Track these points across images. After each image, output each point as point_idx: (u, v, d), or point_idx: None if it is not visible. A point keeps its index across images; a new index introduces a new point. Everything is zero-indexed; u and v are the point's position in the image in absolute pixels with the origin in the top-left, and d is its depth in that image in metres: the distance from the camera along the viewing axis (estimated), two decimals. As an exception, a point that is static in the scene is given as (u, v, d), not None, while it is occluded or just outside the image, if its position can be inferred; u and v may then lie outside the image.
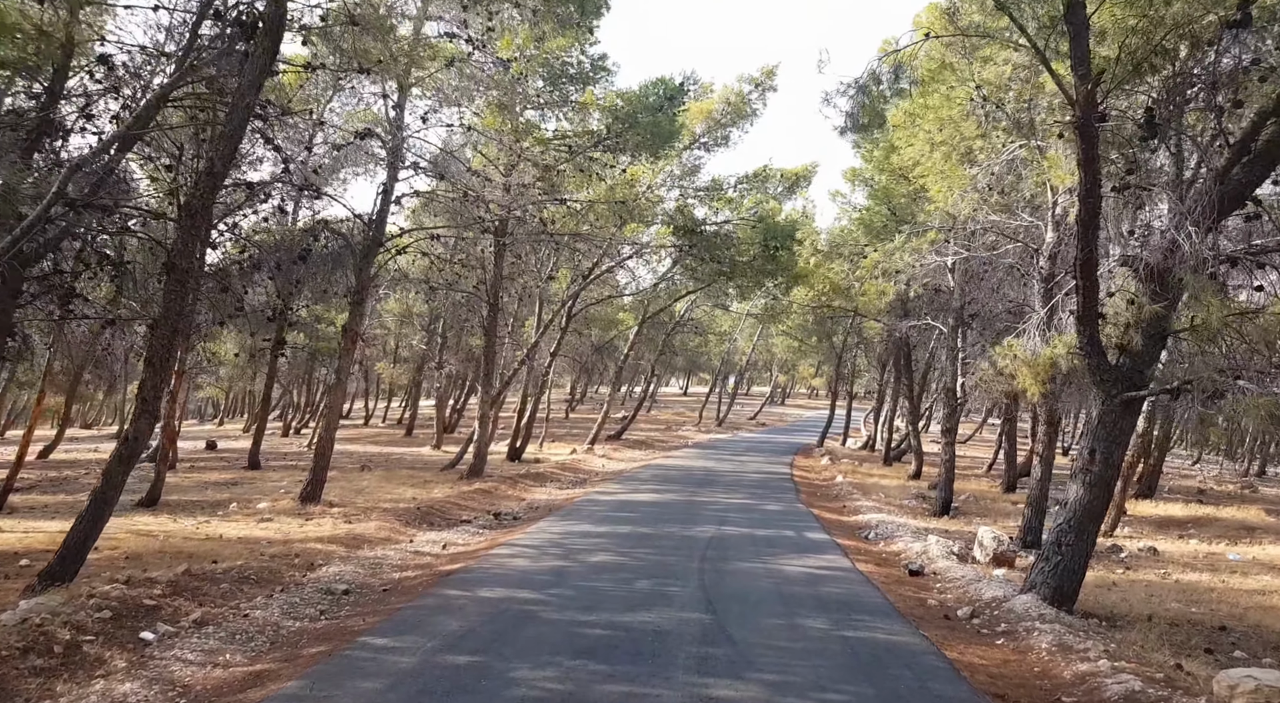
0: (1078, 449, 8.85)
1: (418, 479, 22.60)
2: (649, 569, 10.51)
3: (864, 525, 16.36)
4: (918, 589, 10.40)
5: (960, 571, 11.29)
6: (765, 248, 27.67)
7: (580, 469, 27.07)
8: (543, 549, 11.99)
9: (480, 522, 16.12)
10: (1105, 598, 9.93)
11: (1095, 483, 8.73)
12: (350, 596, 9.54)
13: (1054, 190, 13.21)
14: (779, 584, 9.89)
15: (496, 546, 12.64)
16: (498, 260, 22.21)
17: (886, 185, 20.33)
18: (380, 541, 13.44)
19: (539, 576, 10.00)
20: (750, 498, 19.66)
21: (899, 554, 12.96)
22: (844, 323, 38.38)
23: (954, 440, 18.84)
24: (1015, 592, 9.53)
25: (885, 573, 11.20)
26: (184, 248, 8.19)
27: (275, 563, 10.99)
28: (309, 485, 17.18)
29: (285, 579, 10.21)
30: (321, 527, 14.54)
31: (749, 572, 10.56)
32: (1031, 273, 13.66)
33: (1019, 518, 18.02)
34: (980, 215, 13.18)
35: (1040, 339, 10.94)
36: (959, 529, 16.33)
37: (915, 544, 13.32)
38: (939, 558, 12.16)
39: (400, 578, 10.53)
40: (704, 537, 13.26)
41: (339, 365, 17.38)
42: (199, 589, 9.14)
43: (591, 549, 11.93)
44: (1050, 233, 13.15)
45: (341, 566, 11.10)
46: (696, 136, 26.70)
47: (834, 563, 11.54)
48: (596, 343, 49.48)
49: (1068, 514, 8.89)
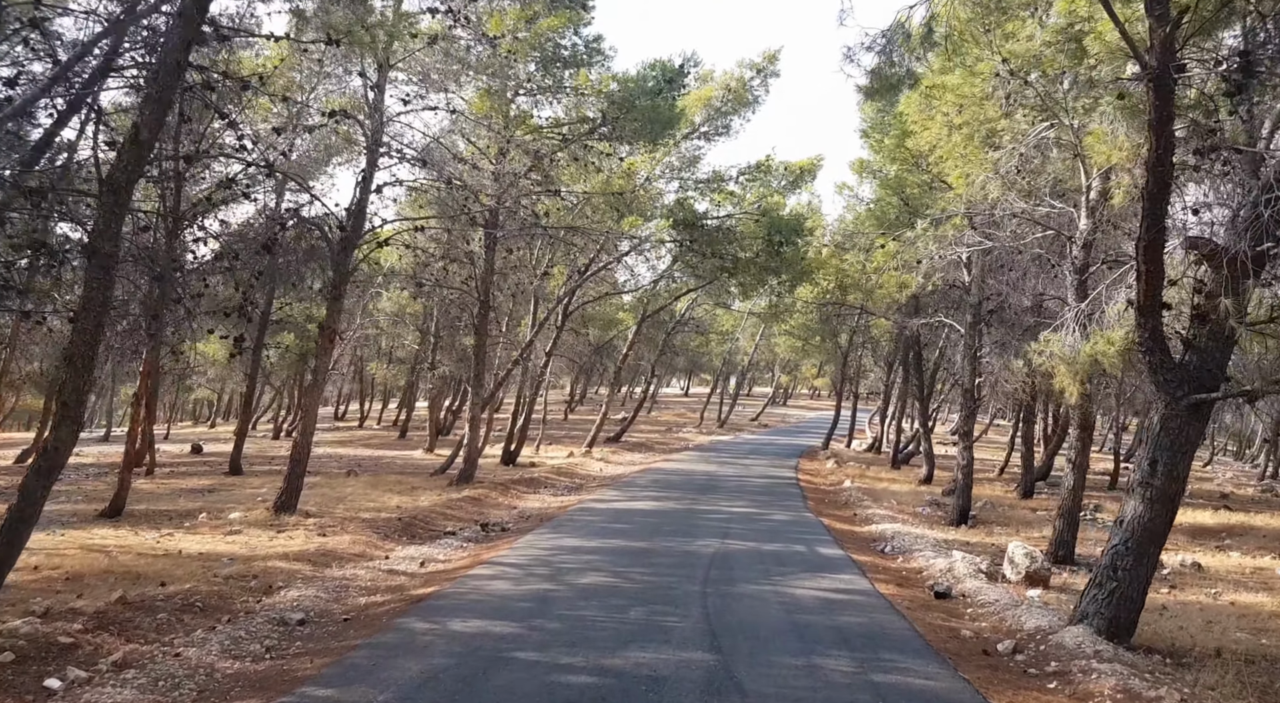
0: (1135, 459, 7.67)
1: (405, 485, 21.48)
2: (645, 594, 9.37)
3: (878, 537, 15.21)
4: (947, 616, 9.25)
5: (992, 592, 10.14)
6: (769, 243, 26.52)
7: (577, 474, 25.93)
8: (528, 569, 10.85)
9: (466, 533, 14.99)
10: (1161, 626, 8.78)
11: (1157, 498, 7.58)
12: (306, 626, 8.41)
13: (1087, 173, 12.07)
14: (792, 613, 8.74)
15: (479, 563, 11.50)
16: (488, 255, 21.07)
17: (899, 174, 19.19)
18: (353, 557, 12.31)
19: (520, 603, 8.86)
20: (755, 506, 18.52)
21: (920, 572, 11.81)
22: (850, 321, 37.22)
23: (971, 444, 17.70)
24: (1062, 622, 8.39)
25: (909, 596, 10.05)
26: (105, 229, 7.06)
27: (228, 586, 9.86)
28: (283, 494, 16.04)
29: (236, 606, 9.08)
30: (292, 540, 13.43)
31: (758, 597, 9.41)
32: (1063, 263, 12.51)
33: (1043, 528, 16.88)
34: (1007, 202, 12.03)
35: (1080, 334, 9.81)
36: (980, 541, 15.19)
37: (938, 560, 12.16)
38: (966, 577, 11.01)
39: (366, 604, 9.39)
40: (706, 553, 12.12)
41: (316, 365, 16.26)
42: (129, 622, 8.00)
43: (582, 568, 10.79)
44: (1084, 219, 12.01)
45: (303, 589, 9.96)
46: (696, 126, 25.55)
47: (851, 584, 10.39)
48: (596, 343, 48.37)
49: (1124, 534, 7.75)
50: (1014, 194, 12.02)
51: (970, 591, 10.37)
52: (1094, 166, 12.18)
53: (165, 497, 19.31)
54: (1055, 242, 13.15)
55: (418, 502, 18.47)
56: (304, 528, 14.53)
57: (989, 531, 16.61)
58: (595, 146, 19.78)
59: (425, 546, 13.67)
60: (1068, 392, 9.79)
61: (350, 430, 49.75)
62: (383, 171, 16.29)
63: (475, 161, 17.88)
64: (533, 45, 18.20)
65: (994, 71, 12.45)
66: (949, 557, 12.16)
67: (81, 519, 15.59)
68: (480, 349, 21.58)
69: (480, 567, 11.05)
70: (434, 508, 17.60)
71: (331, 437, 45.27)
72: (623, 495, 19.77)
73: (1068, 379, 9.70)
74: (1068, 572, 11.91)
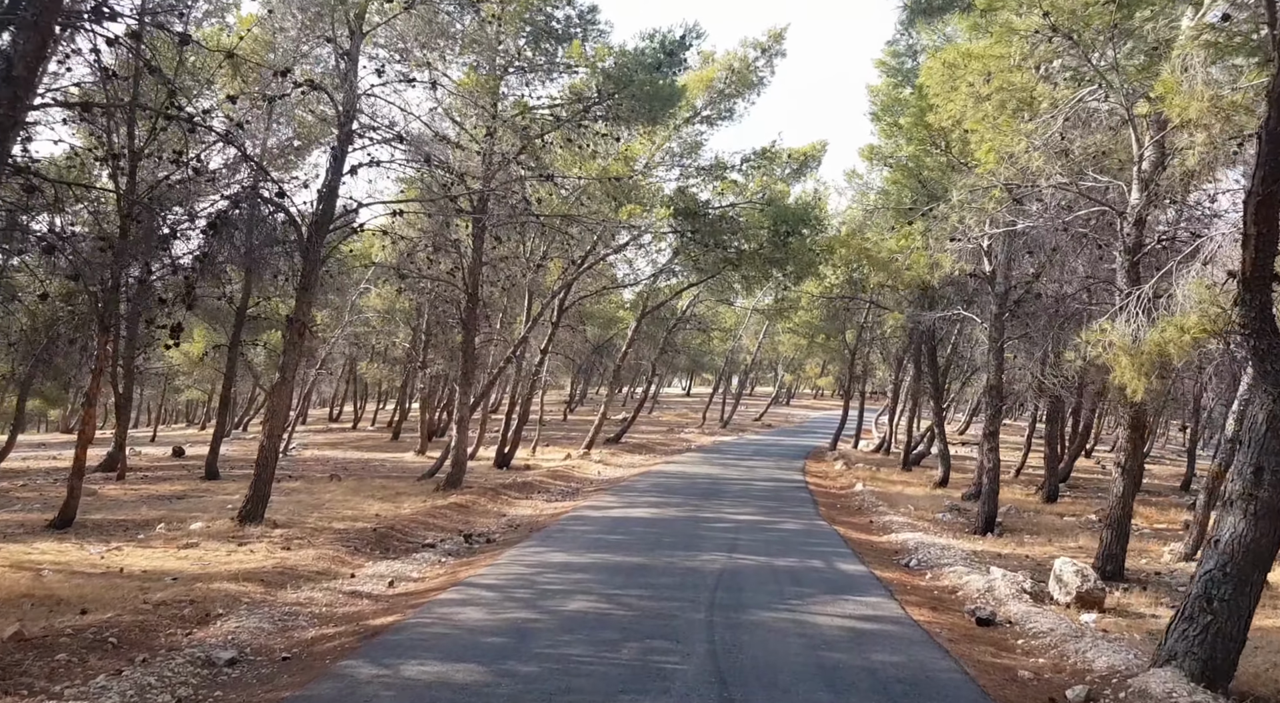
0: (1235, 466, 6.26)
1: (389, 491, 20.13)
2: (641, 624, 7.99)
3: (900, 548, 13.83)
4: (997, 650, 7.87)
5: (1042, 619, 8.76)
6: (775, 232, 25.14)
7: (573, 478, 24.56)
8: (507, 591, 9.48)
9: (446, 546, 13.63)
10: (1255, 664, 7.38)
11: (1264, 513, 6.21)
12: (236, 668, 7.04)
13: (1139, 141, 10.69)
14: (816, 648, 7.37)
15: (454, 583, 10.13)
16: (476, 244, 19.70)
17: (916, 154, 17.81)
18: (314, 576, 10.95)
19: (492, 638, 7.48)
20: (763, 513, 17.14)
21: (955, 592, 10.43)
22: (858, 317, 35.83)
23: (997, 446, 16.33)
24: (1137, 659, 7.02)
25: (947, 624, 8.67)
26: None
27: (157, 614, 8.50)
28: (249, 503, 14.68)
29: (158, 641, 7.71)
30: (251, 556, 12.09)
31: (773, 627, 8.03)
32: (1112, 243, 11.13)
33: (1077, 537, 15.51)
34: (1049, 174, 10.66)
35: (1145, 320, 8.44)
36: (1012, 552, 13.82)
37: (973, 578, 10.78)
38: (1009, 599, 9.63)
39: (314, 638, 8.02)
40: (712, 570, 10.74)
41: (284, 361, 14.88)
42: (16, 667, 6.63)
43: (569, 591, 9.41)
44: (1135, 193, 10.63)
45: (245, 617, 8.60)
46: (698, 110, 24.18)
47: (880, 609, 9.01)
48: (595, 342, 46.97)
49: (1221, 558, 6.37)
50: (1056, 166, 10.65)
51: (1017, 616, 8.99)
52: (1145, 134, 10.80)
53: (129, 505, 17.97)
54: (1100, 219, 11.78)
55: (400, 509, 17.14)
56: (268, 541, 13.20)
57: (1019, 540, 15.23)
58: (590, 127, 18.42)
59: (399, 561, 12.31)
60: (1130, 388, 8.44)
61: (343, 432, 48.46)
62: (359, 153, 14.92)
63: (461, 142, 16.51)
64: (521, 16, 16.83)
65: (1033, 29, 11.09)
66: (986, 574, 10.77)
67: (28, 531, 14.25)
68: (468, 345, 20.21)
69: (454, 589, 9.68)
70: (415, 516, 16.26)
71: (323, 438, 43.97)
72: (620, 501, 18.40)
73: (1130, 373, 8.34)
74: (1120, 591, 10.54)
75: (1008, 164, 12.21)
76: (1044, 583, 10.31)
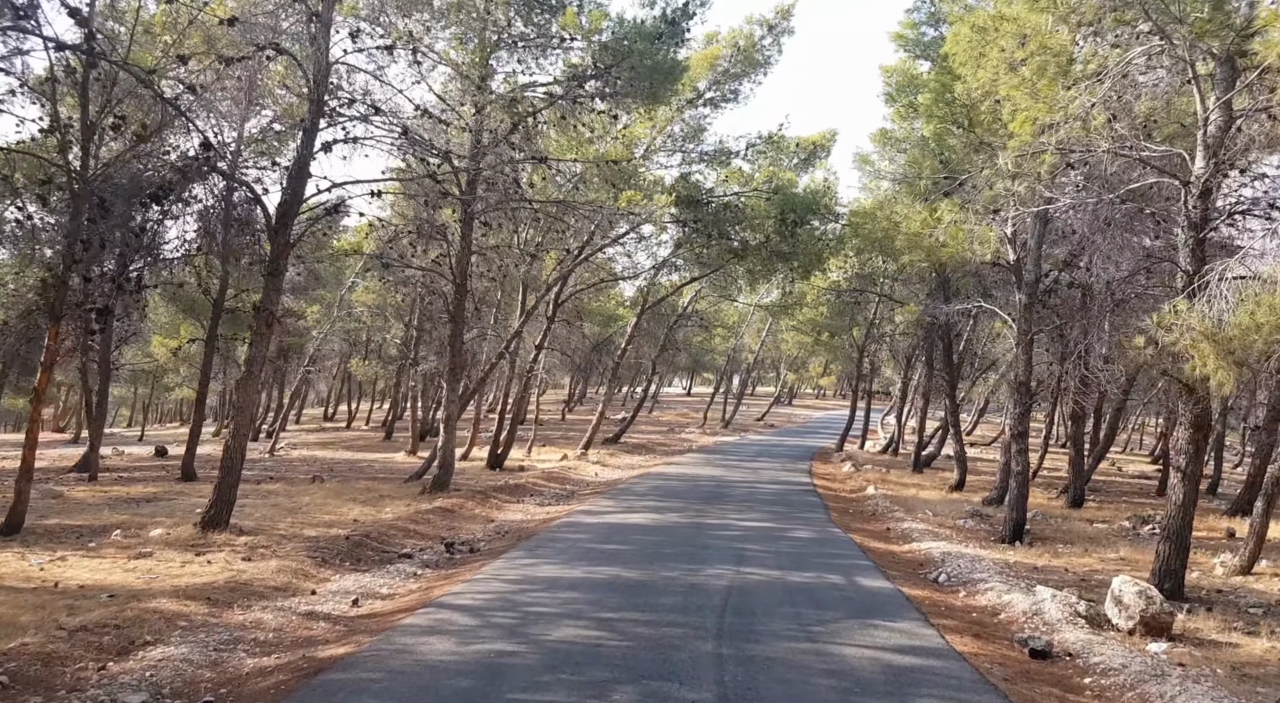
0: None
1: (373, 494, 18.89)
2: (638, 658, 6.73)
3: (925, 560, 12.57)
4: (1063, 692, 6.60)
5: (1107, 650, 7.50)
6: (782, 222, 23.88)
7: (568, 479, 23.31)
8: (485, 614, 8.22)
9: (425, 556, 12.39)
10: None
11: None
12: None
13: (1204, 101, 9.43)
14: (849, 693, 6.11)
15: (426, 602, 8.88)
16: (464, 230, 18.45)
17: (937, 132, 16.53)
18: (270, 592, 9.70)
19: (458, 679, 6.22)
20: (771, 518, 15.88)
21: (997, 614, 9.16)
22: (866, 312, 34.56)
23: (1026, 447, 15.06)
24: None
25: (997, 656, 7.40)
26: None
27: (72, 643, 7.25)
28: (212, 507, 13.43)
29: (63, 678, 6.48)
30: (206, 568, 10.86)
31: (795, 663, 6.76)
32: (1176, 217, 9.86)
33: (1117, 547, 14.24)
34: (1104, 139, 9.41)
35: (1233, 300, 7.18)
36: (1048, 564, 12.55)
37: (1015, 597, 9.51)
38: (1062, 624, 8.37)
39: (249, 673, 6.77)
40: (718, 587, 9.48)
41: (250, 354, 13.61)
42: None
43: (556, 614, 8.15)
44: (1200, 160, 9.36)
45: (178, 644, 7.36)
46: (701, 92, 22.94)
47: (916, 638, 7.74)
48: (594, 340, 45.72)
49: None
50: (1103, 135, 9.39)
51: (1075, 646, 7.73)
52: (1210, 95, 9.54)
53: (92, 508, 16.74)
54: (1154, 192, 10.51)
55: (380, 514, 15.91)
56: (229, 550, 11.98)
57: (1051, 550, 13.96)
58: (587, 104, 17.17)
59: (370, 573, 11.07)
60: (1215, 379, 7.19)
61: (337, 432, 47.28)
62: (334, 130, 13.65)
63: (446, 119, 15.25)
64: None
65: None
66: (1030, 594, 9.50)
67: (-31, 537, 13.03)
68: (456, 339, 18.95)
69: (424, 610, 8.42)
70: (396, 522, 15.02)
71: (315, 438, 42.78)
72: (618, 506, 17.14)
73: (1214, 362, 7.09)
74: (1184, 612, 9.27)
75: (1047, 135, 10.97)
76: (1095, 603, 9.04)
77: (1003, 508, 18.72)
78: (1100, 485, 26.41)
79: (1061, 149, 9.82)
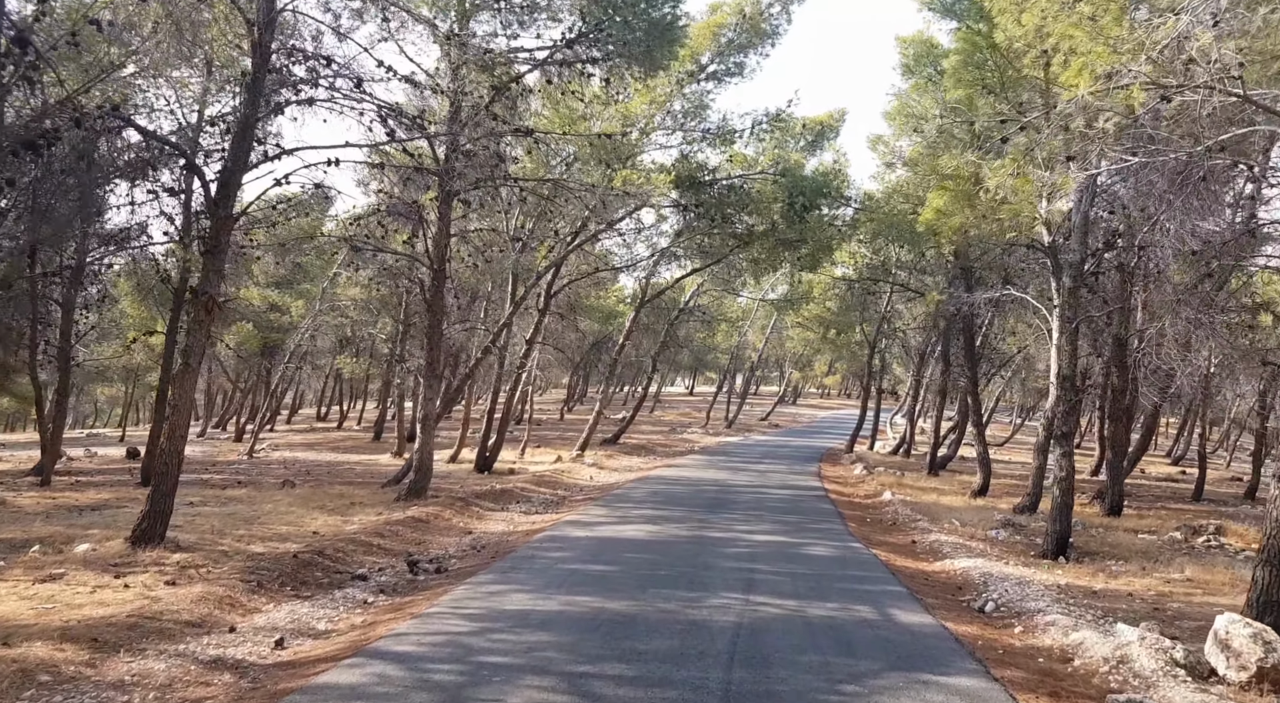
0: None
1: (344, 500, 17.20)
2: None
3: (963, 582, 10.82)
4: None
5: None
6: (790, 206, 22.13)
7: (561, 483, 21.58)
8: (426, 668, 6.47)
9: (383, 577, 10.67)
10: None
11: None
12: None
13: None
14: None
15: (360, 647, 7.14)
16: (443, 211, 16.72)
17: (967, 97, 14.76)
18: (179, 629, 7.97)
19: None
20: (783, 530, 14.13)
21: (1068, 658, 7.40)
22: (877, 306, 32.78)
23: (1072, 450, 13.30)
24: None
25: (1090, 727, 5.65)
26: None
27: None
28: (144, 520, 11.71)
29: None
30: (119, 594, 9.15)
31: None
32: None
33: (1178, 565, 12.45)
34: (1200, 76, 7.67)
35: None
36: (1106, 587, 10.79)
37: (1087, 636, 7.75)
38: (1159, 678, 6.62)
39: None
40: (724, 625, 7.73)
41: (187, 344, 11.88)
42: None
43: (516, 668, 6.40)
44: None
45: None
46: (703, 66, 21.18)
47: (979, 698, 5.99)
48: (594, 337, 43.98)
49: None
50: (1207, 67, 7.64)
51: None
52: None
53: (28, 518, 15.07)
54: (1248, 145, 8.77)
55: (346, 524, 14.22)
56: (155, 571, 10.26)
57: (1104, 568, 12.18)
58: (576, 68, 15.44)
59: (311, 601, 9.35)
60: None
61: (326, 432, 45.69)
62: (287, 90, 11.92)
63: (415, 78, 13.51)
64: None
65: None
66: (1107, 633, 7.74)
67: None
68: (434, 330, 17.21)
69: (352, 660, 6.68)
70: (360, 534, 13.30)
71: (302, 439, 41.15)
72: (611, 515, 15.40)
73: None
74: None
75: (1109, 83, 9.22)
76: (1191, 645, 7.26)
77: (1037, 517, 16.99)
78: (1129, 490, 24.65)
79: (1151, 84, 8.05)
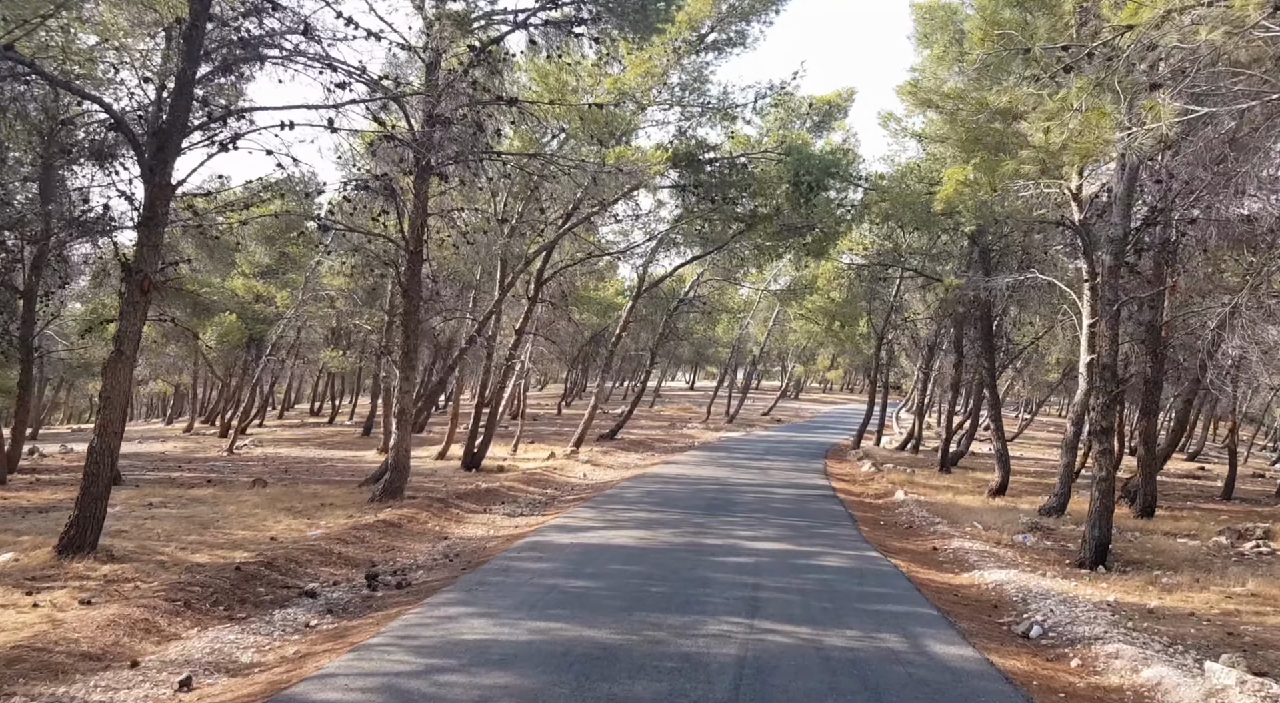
0: None
1: (315, 501, 15.90)
2: None
3: (999, 599, 9.46)
4: None
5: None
6: (795, 187, 20.75)
7: (551, 482, 20.25)
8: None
9: (334, 594, 9.33)
10: None
11: None
12: None
13: None
14: None
15: (278, 690, 5.80)
16: (419, 187, 15.38)
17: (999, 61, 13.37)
18: (73, 663, 6.66)
19: None
20: (790, 537, 12.78)
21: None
22: (885, 296, 31.40)
23: (1112, 448, 11.92)
24: None
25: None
26: None
27: None
28: (72, 527, 10.47)
29: None
30: (22, 615, 7.95)
31: None
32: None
33: (1237, 576, 11.07)
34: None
35: None
36: (1162, 604, 9.43)
37: (1165, 673, 6.40)
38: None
39: None
40: (724, 661, 6.37)
41: (120, 329, 10.52)
42: None
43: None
44: None
45: None
46: (702, 36, 19.79)
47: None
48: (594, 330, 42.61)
49: None
50: None
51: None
52: None
53: (-33, 521, 13.78)
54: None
55: (310, 529, 12.94)
56: (74, 586, 9.03)
57: (1153, 580, 10.82)
58: (563, 28, 14.07)
59: (242, 625, 8.01)
60: None
61: (317, 428, 44.41)
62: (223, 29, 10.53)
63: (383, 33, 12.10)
64: None
65: None
66: (1192, 673, 6.38)
67: None
68: (410, 317, 15.86)
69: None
70: (323, 540, 11.98)
71: (290, 434, 39.85)
72: (601, 519, 14.05)
73: None
74: None
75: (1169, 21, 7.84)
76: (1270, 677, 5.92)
77: (1065, 519, 15.66)
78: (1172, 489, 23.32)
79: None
